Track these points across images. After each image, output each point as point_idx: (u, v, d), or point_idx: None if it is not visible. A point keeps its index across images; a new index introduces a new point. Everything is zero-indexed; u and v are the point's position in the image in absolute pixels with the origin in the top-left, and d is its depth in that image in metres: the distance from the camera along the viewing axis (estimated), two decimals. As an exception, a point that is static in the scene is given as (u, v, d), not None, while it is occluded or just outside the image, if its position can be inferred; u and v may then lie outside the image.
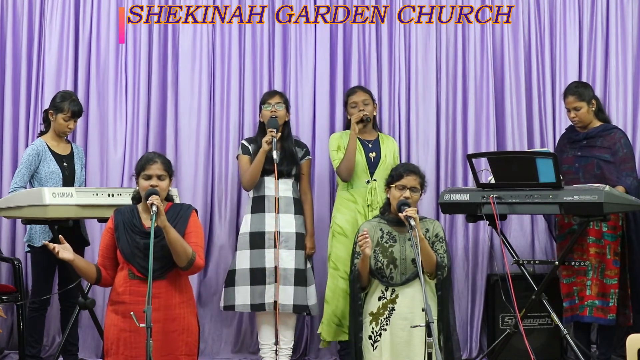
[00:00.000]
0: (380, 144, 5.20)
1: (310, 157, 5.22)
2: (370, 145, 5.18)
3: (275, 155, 4.88)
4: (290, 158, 5.06)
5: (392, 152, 5.20)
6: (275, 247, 4.93)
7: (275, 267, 4.93)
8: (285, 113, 5.10)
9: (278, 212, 4.96)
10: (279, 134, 4.99)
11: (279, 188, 4.99)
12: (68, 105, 4.97)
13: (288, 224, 4.99)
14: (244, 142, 5.16)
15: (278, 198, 4.97)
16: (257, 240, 4.96)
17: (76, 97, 5.11)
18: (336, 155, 5.14)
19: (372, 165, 5.11)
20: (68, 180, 5.03)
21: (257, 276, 4.93)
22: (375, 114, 5.27)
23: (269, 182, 5.00)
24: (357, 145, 5.09)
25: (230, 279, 5.03)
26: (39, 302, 4.99)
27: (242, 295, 4.94)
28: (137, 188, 4.00)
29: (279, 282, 4.90)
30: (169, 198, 4.07)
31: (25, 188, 4.89)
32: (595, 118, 5.08)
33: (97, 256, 5.19)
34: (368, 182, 5.09)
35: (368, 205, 5.04)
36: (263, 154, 4.93)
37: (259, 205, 5.01)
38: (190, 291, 4.02)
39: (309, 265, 5.06)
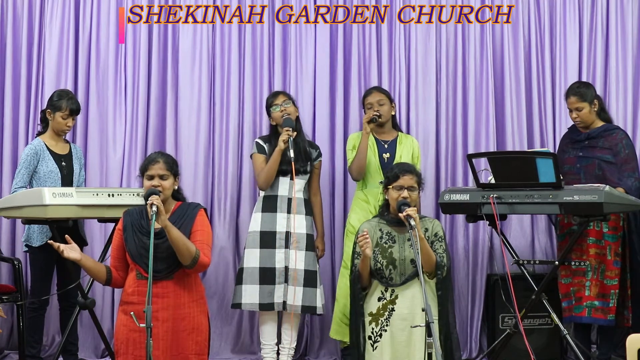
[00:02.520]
0: (397, 144, 5.19)
1: (321, 159, 5.21)
2: (385, 146, 5.18)
3: (292, 153, 4.84)
4: (304, 155, 5.05)
5: (410, 152, 5.18)
6: (287, 247, 4.92)
7: (286, 267, 4.91)
8: (294, 109, 5.10)
9: (295, 213, 4.95)
10: (295, 133, 4.97)
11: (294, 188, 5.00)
12: (66, 103, 4.97)
13: (300, 225, 4.98)
14: (258, 140, 5.12)
15: (291, 198, 4.96)
16: (268, 240, 4.94)
17: (73, 94, 5.12)
18: (350, 154, 5.15)
19: (386, 166, 5.07)
20: (66, 179, 5.03)
21: (267, 276, 4.91)
22: (393, 113, 5.26)
23: (283, 181, 4.98)
24: (371, 146, 5.09)
25: (239, 277, 5.01)
26: (38, 302, 4.99)
27: (250, 294, 4.92)
28: (144, 188, 4.01)
29: (288, 282, 4.88)
30: (179, 197, 4.07)
31: (27, 188, 4.89)
32: (597, 118, 5.08)
33: (94, 256, 5.24)
34: (381, 182, 5.09)
35: (380, 206, 5.03)
36: (279, 153, 4.90)
37: (270, 205, 4.99)
38: (200, 290, 4.01)
39: (317, 266, 5.06)
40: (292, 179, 4.95)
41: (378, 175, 5.11)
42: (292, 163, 4.86)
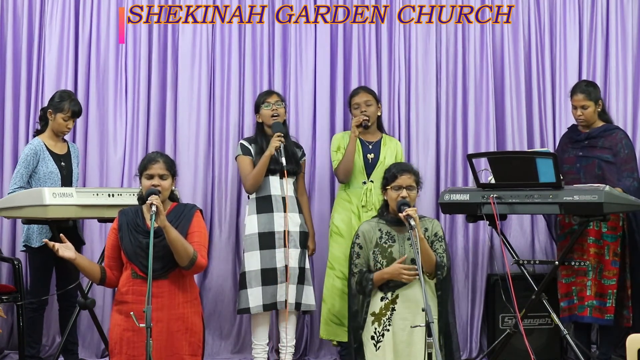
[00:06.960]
0: (381, 145, 5.19)
1: (305, 158, 5.22)
2: (370, 147, 5.18)
3: (284, 161, 4.85)
4: (293, 157, 5.06)
5: (394, 154, 5.18)
6: (285, 246, 4.90)
7: (286, 267, 4.89)
8: (284, 111, 5.10)
9: (287, 212, 4.92)
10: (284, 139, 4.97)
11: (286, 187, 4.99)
12: (68, 105, 4.97)
13: (295, 223, 4.97)
14: (243, 142, 5.10)
15: (285, 197, 4.94)
16: (267, 241, 4.91)
17: (75, 96, 5.11)
18: (335, 155, 5.15)
19: (370, 167, 5.11)
20: (66, 179, 5.03)
21: (269, 276, 4.88)
22: (379, 114, 5.26)
23: (274, 181, 4.96)
24: (356, 146, 5.10)
25: (242, 282, 4.96)
26: (37, 302, 4.99)
27: (255, 297, 4.89)
28: (142, 188, 4.01)
29: (289, 280, 4.86)
30: (174, 198, 4.07)
31: (25, 188, 4.89)
32: (598, 118, 5.09)
33: (94, 256, 5.23)
34: (364, 183, 5.10)
35: (363, 206, 5.05)
36: (268, 158, 4.89)
37: (265, 206, 4.96)
38: (195, 291, 4.02)
39: (308, 265, 5.06)
40: (282, 178, 4.91)
41: (361, 176, 5.12)
42: (285, 170, 4.86)
